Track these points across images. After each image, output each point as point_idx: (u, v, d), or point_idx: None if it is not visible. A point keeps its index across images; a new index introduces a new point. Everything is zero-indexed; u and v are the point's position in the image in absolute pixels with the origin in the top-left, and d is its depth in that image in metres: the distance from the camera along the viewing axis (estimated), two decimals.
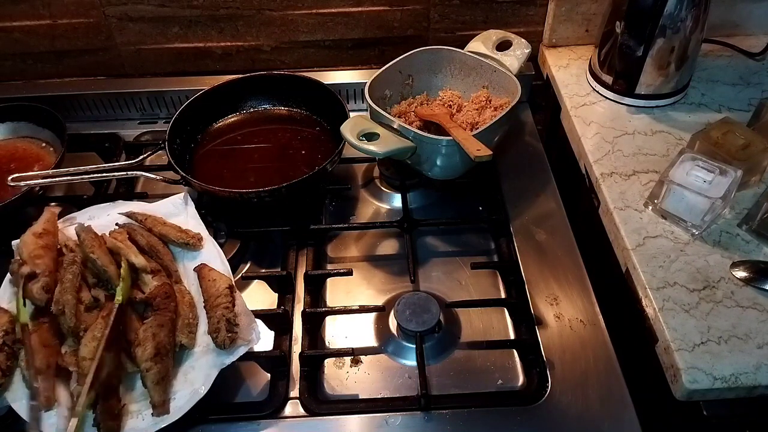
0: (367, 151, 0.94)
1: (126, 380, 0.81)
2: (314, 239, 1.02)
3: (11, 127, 1.16)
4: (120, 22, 1.21)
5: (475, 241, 1.04)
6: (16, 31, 1.22)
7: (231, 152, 1.13)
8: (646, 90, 1.10)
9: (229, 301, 0.83)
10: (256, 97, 1.21)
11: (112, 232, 0.93)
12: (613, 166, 1.01)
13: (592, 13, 1.20)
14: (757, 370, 0.76)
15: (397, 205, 1.08)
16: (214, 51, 1.27)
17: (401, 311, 0.88)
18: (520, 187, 1.09)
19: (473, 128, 1.04)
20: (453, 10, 1.22)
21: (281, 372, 0.86)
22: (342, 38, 1.26)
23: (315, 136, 1.16)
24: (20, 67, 1.28)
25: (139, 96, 1.24)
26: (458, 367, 0.87)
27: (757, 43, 1.21)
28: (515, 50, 1.11)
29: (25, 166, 1.10)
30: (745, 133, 0.95)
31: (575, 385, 0.83)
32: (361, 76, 1.23)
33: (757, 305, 0.82)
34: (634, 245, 0.90)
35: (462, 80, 1.15)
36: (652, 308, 0.83)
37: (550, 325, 0.89)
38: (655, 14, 1.00)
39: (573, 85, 1.18)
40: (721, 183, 0.87)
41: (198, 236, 0.94)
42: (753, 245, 0.89)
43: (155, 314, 0.82)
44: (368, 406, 0.83)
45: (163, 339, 0.80)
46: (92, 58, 1.27)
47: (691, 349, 0.78)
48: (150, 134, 1.23)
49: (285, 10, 1.21)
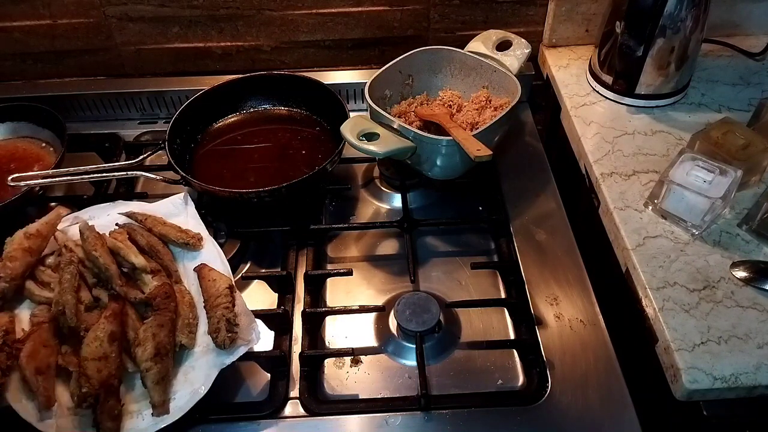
0: (367, 151, 0.94)
1: (126, 380, 0.81)
2: (314, 239, 1.02)
3: (11, 127, 1.16)
4: (120, 22, 1.21)
5: (475, 241, 1.04)
6: (16, 31, 1.22)
7: (231, 152, 1.13)
8: (646, 90, 1.10)
9: (229, 301, 0.83)
10: (256, 97, 1.21)
11: (112, 232, 0.93)
12: (613, 166, 1.01)
13: (592, 13, 1.20)
14: (757, 370, 0.76)
15: (397, 205, 1.08)
16: (214, 51, 1.27)
17: (401, 311, 0.88)
18: (520, 187, 1.09)
19: (473, 128, 1.04)
20: (453, 10, 1.22)
21: (281, 372, 0.86)
22: (342, 38, 1.26)
23: (315, 136, 1.16)
24: (20, 67, 1.28)
25: (139, 96, 1.24)
26: (458, 367, 0.87)
27: (757, 43, 1.21)
28: (515, 50, 1.11)
29: (25, 166, 1.10)
30: (745, 133, 0.95)
31: (575, 385, 0.83)
32: (361, 76, 1.23)
33: (757, 305, 0.82)
34: (634, 245, 0.90)
35: (462, 80, 1.15)
36: (652, 308, 0.83)
37: (550, 325, 0.89)
38: (655, 14, 1.00)
39: (573, 85, 1.18)
40: (721, 183, 0.87)
41: (198, 236, 0.94)
42: (753, 245, 0.89)
43: (155, 314, 0.82)
44: (368, 406, 0.83)
45: (163, 339, 0.80)
46: (92, 58, 1.27)
47: (691, 349, 0.78)
48: (150, 134, 1.23)
49: (285, 10, 1.21)
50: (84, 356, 0.78)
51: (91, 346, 0.78)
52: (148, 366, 0.78)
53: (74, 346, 0.81)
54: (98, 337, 0.79)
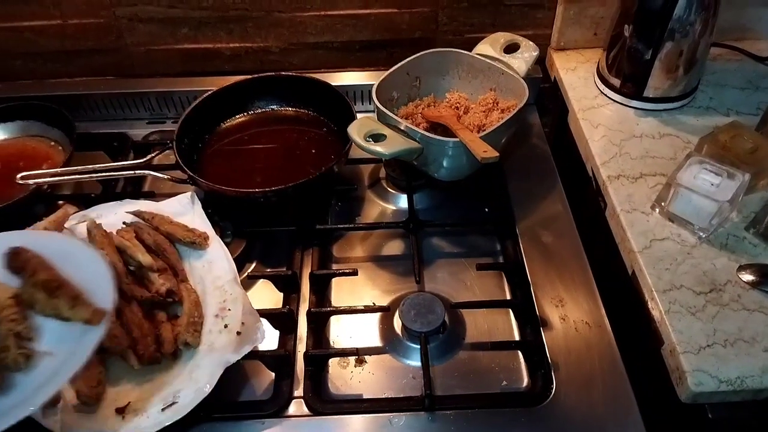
0: (373, 152, 0.94)
1: (131, 378, 0.82)
2: (320, 239, 1.02)
3: (21, 125, 1.17)
4: (130, 22, 1.22)
5: (481, 242, 1.04)
6: (27, 31, 1.23)
7: (238, 152, 1.14)
8: (654, 93, 1.10)
9: (14, 312, 0.71)
10: (264, 98, 1.21)
11: (120, 231, 0.93)
12: (621, 168, 1.01)
13: (600, 16, 1.19)
14: (763, 373, 0.75)
15: (403, 206, 1.08)
16: (223, 52, 1.27)
17: (406, 312, 0.88)
18: (526, 189, 1.09)
19: (480, 130, 1.04)
20: (461, 12, 1.22)
21: (286, 371, 0.86)
22: (350, 40, 1.26)
23: (322, 136, 1.16)
24: (30, 66, 1.29)
25: (148, 96, 1.25)
26: (463, 367, 0.87)
27: (766, 47, 1.21)
28: (523, 53, 1.11)
29: (33, 165, 1.10)
30: (753, 137, 0.95)
31: (580, 386, 0.83)
32: (368, 78, 1.23)
33: (763, 309, 0.82)
34: (641, 248, 0.89)
35: (469, 82, 1.15)
36: (658, 311, 0.83)
37: (555, 327, 0.89)
38: (664, 18, 1.00)
39: (581, 87, 1.17)
40: (728, 186, 0.87)
41: (204, 235, 0.94)
42: (760, 249, 0.89)
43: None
44: (372, 405, 0.83)
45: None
46: (102, 58, 1.28)
47: (697, 351, 0.77)
48: (158, 134, 1.24)
49: (294, 12, 1.21)
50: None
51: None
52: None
53: None
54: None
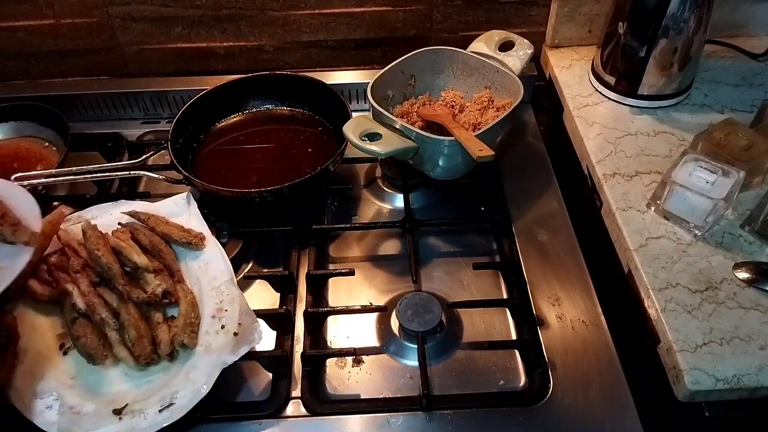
0: (369, 151, 0.94)
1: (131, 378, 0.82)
2: (316, 239, 1.02)
3: (14, 126, 1.17)
4: (123, 22, 1.21)
5: (477, 241, 1.04)
6: (20, 31, 1.22)
7: (233, 152, 1.14)
8: (649, 91, 1.10)
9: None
10: (259, 97, 1.21)
11: (115, 232, 0.93)
12: (616, 166, 1.01)
13: (594, 13, 1.19)
14: (759, 371, 0.75)
15: (399, 205, 1.08)
16: (216, 51, 1.27)
17: (403, 311, 0.88)
18: (522, 188, 1.09)
19: (475, 128, 1.04)
20: (455, 10, 1.22)
21: (283, 372, 0.86)
22: (345, 38, 1.26)
23: (317, 136, 1.16)
24: (23, 66, 1.28)
25: (142, 96, 1.24)
26: (460, 367, 0.87)
27: (760, 44, 1.21)
28: (518, 51, 1.11)
29: (28, 166, 1.10)
30: (747, 134, 0.95)
31: (577, 385, 0.83)
32: (363, 77, 1.23)
33: (759, 306, 0.82)
34: (637, 246, 0.90)
35: (464, 81, 1.15)
36: (654, 309, 0.83)
37: (552, 326, 0.89)
38: (658, 15, 1.00)
39: (575, 85, 1.18)
40: (723, 184, 0.87)
41: (200, 236, 0.94)
42: (756, 246, 0.89)
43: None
44: (370, 406, 0.83)
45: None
46: (95, 57, 1.27)
47: (694, 350, 0.78)
48: (153, 134, 1.23)
49: (288, 11, 1.21)
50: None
51: None
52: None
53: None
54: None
